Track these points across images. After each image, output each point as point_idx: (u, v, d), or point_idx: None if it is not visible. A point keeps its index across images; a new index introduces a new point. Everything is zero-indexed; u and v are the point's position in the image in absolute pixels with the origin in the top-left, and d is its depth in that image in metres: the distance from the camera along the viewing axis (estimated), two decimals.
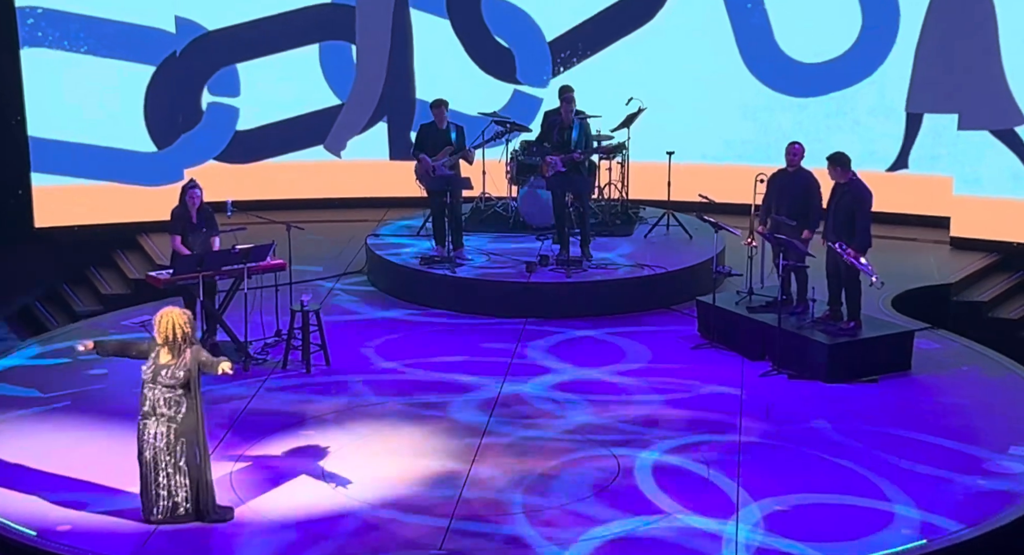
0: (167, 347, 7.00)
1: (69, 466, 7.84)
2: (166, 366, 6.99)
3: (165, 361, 7.01)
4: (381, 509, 7.36)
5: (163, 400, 7.01)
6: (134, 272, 11.89)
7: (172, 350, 6.99)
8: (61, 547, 6.96)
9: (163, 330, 6.99)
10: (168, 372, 6.98)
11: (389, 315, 10.58)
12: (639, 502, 7.42)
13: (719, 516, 7.24)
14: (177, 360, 6.99)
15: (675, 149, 11.91)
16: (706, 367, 9.41)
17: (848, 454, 8.00)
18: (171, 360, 7.00)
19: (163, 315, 7.04)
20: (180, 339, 6.97)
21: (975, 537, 7.06)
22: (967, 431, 8.33)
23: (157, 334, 7.01)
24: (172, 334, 6.97)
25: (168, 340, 6.99)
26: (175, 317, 7.01)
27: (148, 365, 7.02)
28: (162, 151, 12.79)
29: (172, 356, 7.00)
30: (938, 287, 11.17)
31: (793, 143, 9.70)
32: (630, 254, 11.08)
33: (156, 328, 7.02)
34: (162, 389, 7.00)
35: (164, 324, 6.99)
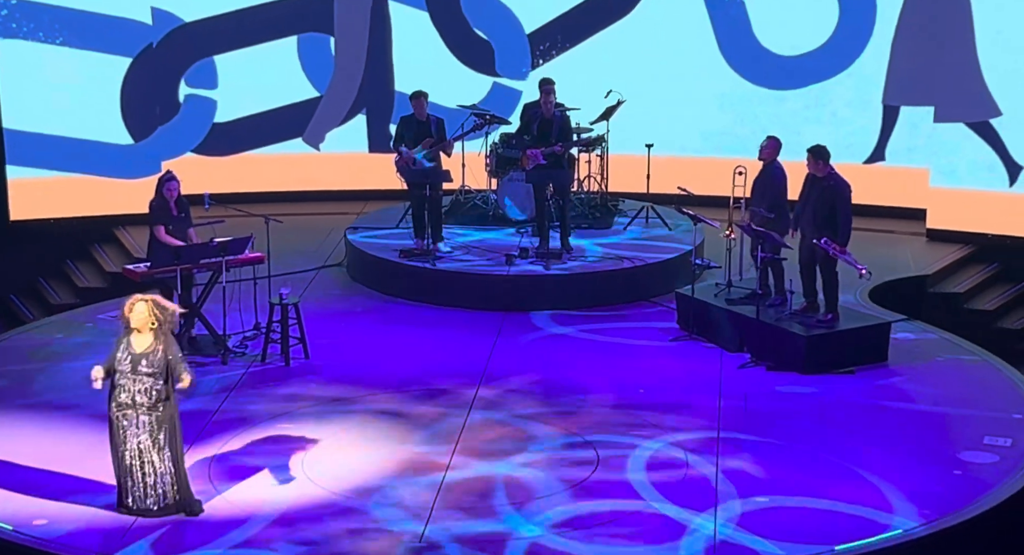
0: (149, 333, 6.96)
1: (44, 459, 7.80)
2: (144, 355, 6.96)
3: (143, 349, 6.97)
4: (360, 501, 7.37)
5: (143, 389, 6.98)
6: (111, 265, 11.83)
7: (155, 336, 6.94)
8: (38, 542, 6.93)
9: (145, 316, 6.93)
10: (148, 360, 6.95)
11: (368, 308, 10.57)
12: (617, 491, 7.44)
13: (692, 507, 7.28)
14: (156, 346, 6.96)
15: (654, 142, 11.93)
16: (685, 359, 9.44)
17: (823, 445, 8.05)
18: (149, 348, 6.96)
19: (138, 300, 6.98)
20: (168, 324, 6.94)
21: (951, 527, 7.12)
22: (942, 422, 8.40)
23: (134, 320, 6.95)
24: (157, 321, 6.93)
25: (150, 327, 6.94)
26: (158, 300, 6.98)
27: (123, 356, 6.97)
28: (139, 143, 12.73)
29: (152, 342, 6.95)
30: (914, 279, 11.25)
31: (768, 138, 9.74)
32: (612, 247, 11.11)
33: (132, 314, 6.95)
34: (143, 378, 6.97)
35: (144, 308, 6.93)
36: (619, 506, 7.31)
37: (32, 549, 6.88)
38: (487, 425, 8.34)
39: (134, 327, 6.96)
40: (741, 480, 7.59)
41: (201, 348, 9.41)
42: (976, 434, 8.19)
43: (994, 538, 7.28)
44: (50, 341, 9.90)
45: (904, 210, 12.42)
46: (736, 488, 7.50)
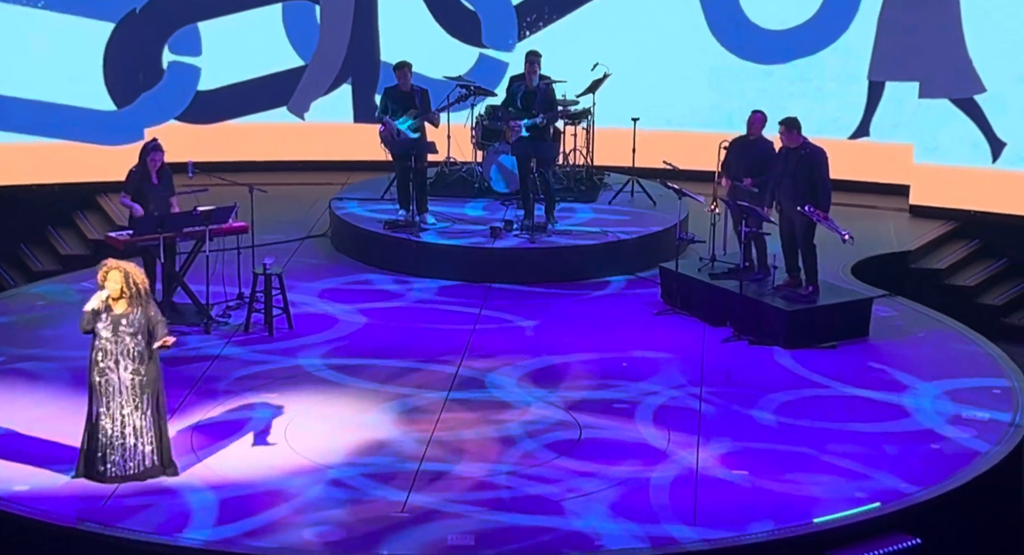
0: (125, 300, 6.95)
1: (24, 425, 7.80)
2: (125, 315, 6.96)
3: (122, 311, 6.97)
4: (342, 470, 7.39)
5: (126, 351, 6.99)
6: (94, 232, 11.78)
7: (130, 302, 6.94)
8: (20, 508, 6.93)
9: (119, 283, 6.92)
10: (128, 320, 6.95)
11: (352, 279, 10.56)
12: (599, 458, 7.50)
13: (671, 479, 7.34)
14: (134, 309, 6.95)
15: (640, 115, 11.92)
16: (668, 333, 9.48)
17: (803, 419, 8.11)
18: (128, 309, 6.96)
19: (112, 268, 6.96)
20: (140, 293, 6.93)
21: (928, 500, 7.20)
22: (922, 396, 8.47)
23: (109, 288, 6.93)
24: (133, 288, 6.92)
25: (126, 294, 6.93)
26: (131, 270, 6.95)
27: (104, 321, 6.97)
28: (122, 110, 12.64)
29: (129, 307, 6.95)
30: (896, 254, 11.30)
31: (755, 112, 9.75)
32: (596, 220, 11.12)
33: (107, 281, 6.92)
34: (126, 340, 6.96)
35: (118, 277, 6.91)
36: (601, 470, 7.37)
37: (14, 516, 6.88)
38: (470, 395, 8.35)
39: (109, 295, 6.94)
40: (720, 451, 7.64)
41: (184, 317, 9.39)
42: (955, 408, 8.26)
43: (972, 511, 7.36)
44: (32, 307, 9.87)
45: (888, 186, 12.46)
46: (715, 461, 7.55)
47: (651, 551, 6.65)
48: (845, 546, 6.83)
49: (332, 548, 6.64)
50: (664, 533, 6.80)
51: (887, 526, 7.01)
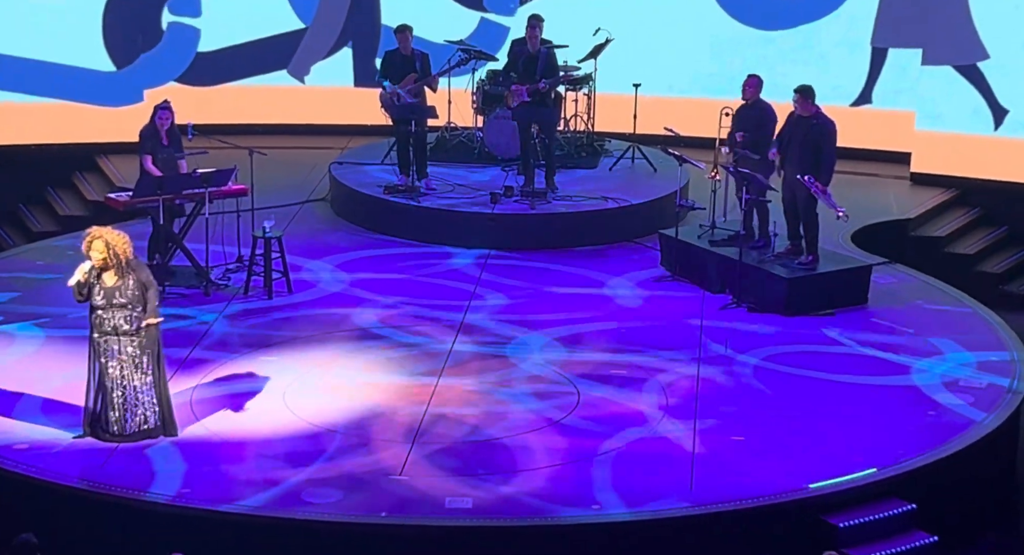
0: (112, 270, 6.95)
1: (23, 384, 7.83)
2: (116, 288, 6.97)
3: (112, 283, 6.97)
4: (340, 433, 7.43)
5: (123, 318, 7.01)
6: (93, 193, 11.76)
7: (116, 272, 6.94)
8: (20, 466, 6.97)
9: (102, 252, 6.90)
10: (120, 292, 6.97)
11: (351, 243, 10.55)
12: (594, 425, 7.54)
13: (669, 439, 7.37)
14: (124, 280, 6.96)
15: (641, 81, 11.86)
16: (667, 300, 9.49)
17: (800, 385, 8.14)
18: (118, 282, 6.96)
19: (95, 237, 6.93)
20: (124, 263, 6.93)
21: (924, 466, 7.23)
22: (919, 363, 8.48)
23: (94, 258, 6.92)
24: (115, 259, 6.91)
25: (109, 265, 6.93)
26: (114, 240, 6.93)
27: (96, 293, 6.98)
28: (121, 71, 12.57)
29: (118, 277, 6.96)
30: (897, 222, 11.29)
31: (749, 76, 9.69)
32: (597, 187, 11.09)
33: (90, 251, 6.91)
34: (120, 311, 6.98)
35: (101, 247, 6.89)
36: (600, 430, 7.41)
37: (15, 474, 6.92)
38: (467, 362, 8.38)
39: (93, 265, 6.94)
40: (718, 417, 7.67)
41: (183, 279, 9.40)
42: (951, 376, 8.29)
43: (968, 477, 7.40)
44: (31, 267, 9.87)
45: (889, 153, 12.42)
46: (713, 424, 7.58)
47: (648, 516, 6.69)
48: (841, 511, 6.87)
49: (330, 510, 6.68)
50: (661, 500, 6.84)
51: (883, 492, 7.05)
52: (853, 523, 6.82)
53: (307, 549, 6.51)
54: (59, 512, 6.74)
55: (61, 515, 6.70)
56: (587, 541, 6.62)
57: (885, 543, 6.83)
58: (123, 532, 6.63)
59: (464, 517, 6.66)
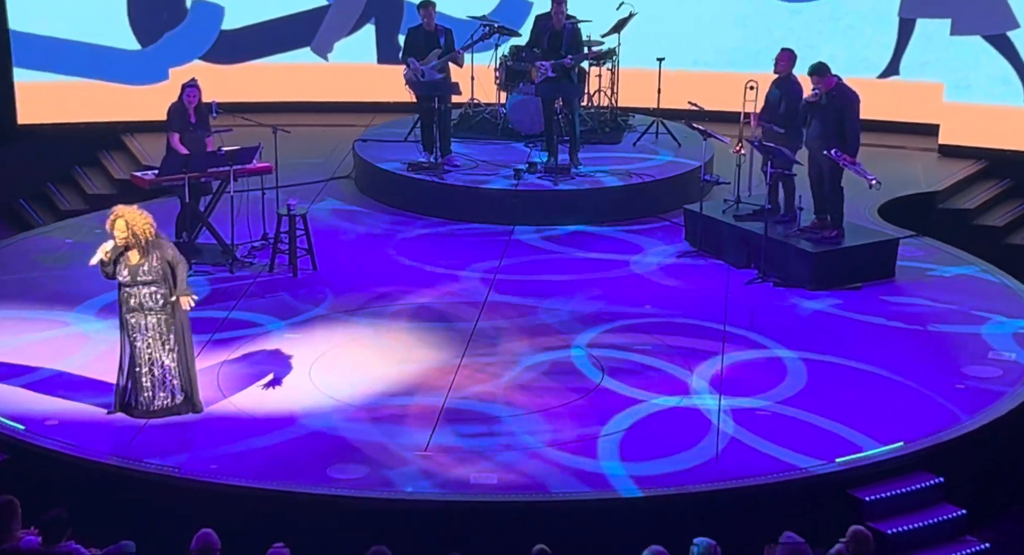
0: (136, 249, 7.00)
1: (53, 360, 7.90)
2: (140, 266, 7.03)
3: (136, 261, 7.03)
4: (365, 410, 7.46)
5: (148, 295, 7.07)
6: (120, 172, 11.82)
7: (139, 251, 7.00)
8: (50, 442, 7.04)
9: (122, 232, 6.95)
10: (144, 269, 7.02)
11: (375, 221, 10.57)
12: (620, 399, 7.53)
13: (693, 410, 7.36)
14: (147, 258, 7.00)
15: (665, 55, 11.77)
16: (692, 275, 9.45)
17: (827, 360, 8.09)
18: (141, 260, 7.02)
19: (118, 216, 6.98)
20: (144, 241, 6.97)
21: (953, 439, 7.19)
22: (948, 337, 8.43)
23: (116, 235, 6.97)
24: (135, 238, 6.95)
25: (131, 244, 6.97)
26: (134, 219, 6.97)
27: (122, 271, 7.03)
28: (146, 49, 12.61)
29: (141, 256, 7.01)
30: (924, 195, 11.19)
31: (782, 50, 9.60)
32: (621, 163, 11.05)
33: (113, 229, 6.97)
34: (145, 287, 7.03)
35: (123, 226, 6.94)
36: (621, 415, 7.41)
37: (46, 450, 6.99)
38: (492, 338, 8.38)
39: (118, 243, 6.98)
40: (743, 390, 7.66)
41: (209, 257, 9.45)
42: (981, 348, 8.22)
43: (997, 450, 7.36)
44: (59, 245, 9.95)
45: (917, 125, 12.29)
46: (739, 398, 7.56)
47: (674, 491, 6.69)
48: (868, 485, 6.85)
49: (356, 485, 6.72)
50: (687, 474, 6.84)
51: (911, 465, 7.02)
52: (880, 497, 6.80)
53: (332, 524, 6.55)
54: (89, 487, 6.81)
55: (91, 490, 6.77)
56: (612, 516, 6.63)
57: (912, 516, 6.81)
58: (151, 507, 6.69)
59: (489, 493, 6.67)
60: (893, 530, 6.69)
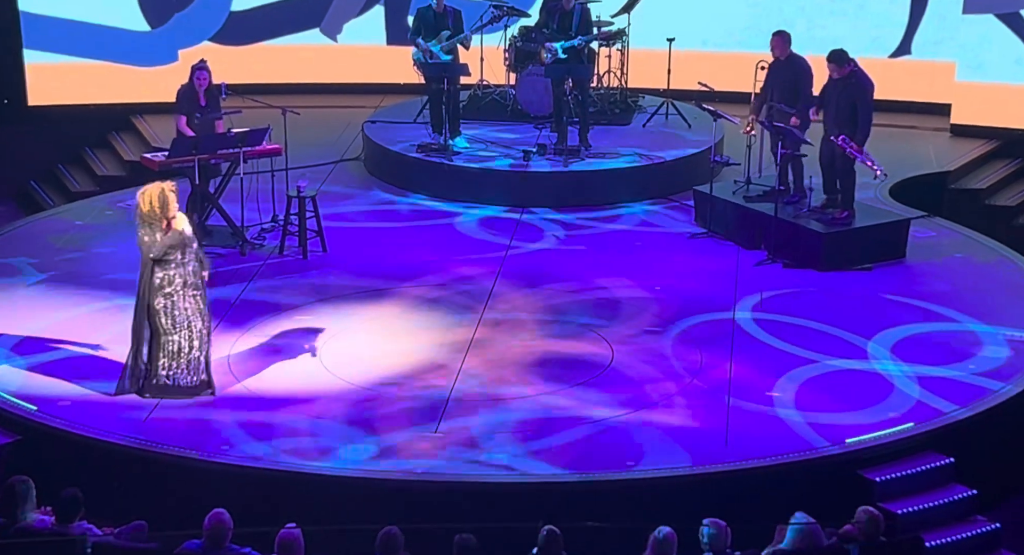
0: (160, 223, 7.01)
1: (68, 343, 7.92)
2: (171, 243, 7.06)
3: (164, 238, 7.05)
4: (376, 390, 7.48)
5: (191, 271, 7.15)
6: (130, 154, 11.84)
7: (166, 226, 7.02)
8: (62, 422, 7.08)
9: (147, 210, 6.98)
10: (172, 247, 7.06)
11: (385, 202, 10.56)
12: (628, 382, 7.54)
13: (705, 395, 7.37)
14: (172, 231, 7.03)
15: (675, 36, 11.72)
16: (702, 256, 9.44)
17: (837, 342, 8.09)
18: (169, 236, 7.04)
19: (140, 195, 7.02)
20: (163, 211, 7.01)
21: (963, 419, 7.19)
22: (959, 317, 8.41)
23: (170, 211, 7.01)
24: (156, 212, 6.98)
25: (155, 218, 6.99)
26: (152, 194, 7.00)
27: (158, 246, 7.02)
28: (155, 30, 12.61)
29: (165, 230, 7.04)
30: (936, 175, 11.14)
31: (773, 35, 9.50)
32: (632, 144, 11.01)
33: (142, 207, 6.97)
34: (175, 264, 7.08)
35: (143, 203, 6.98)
36: None
37: (58, 430, 7.04)
38: (502, 318, 8.39)
39: (147, 221, 7.01)
40: (754, 371, 7.66)
41: (219, 239, 9.46)
42: (992, 327, 8.20)
43: (1009, 431, 7.35)
44: (70, 226, 9.97)
45: (928, 105, 12.23)
46: (749, 378, 7.57)
47: (684, 472, 6.71)
48: (878, 466, 6.85)
49: (367, 466, 6.75)
50: (696, 455, 6.85)
51: (921, 446, 7.02)
52: (890, 477, 6.81)
53: (342, 505, 6.58)
54: (102, 468, 6.84)
55: (104, 471, 6.81)
56: (624, 497, 6.65)
57: (923, 497, 6.81)
58: (164, 488, 6.73)
59: (499, 474, 6.69)
60: (903, 510, 6.70)
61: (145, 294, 7.14)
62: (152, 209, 7.00)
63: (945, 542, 6.60)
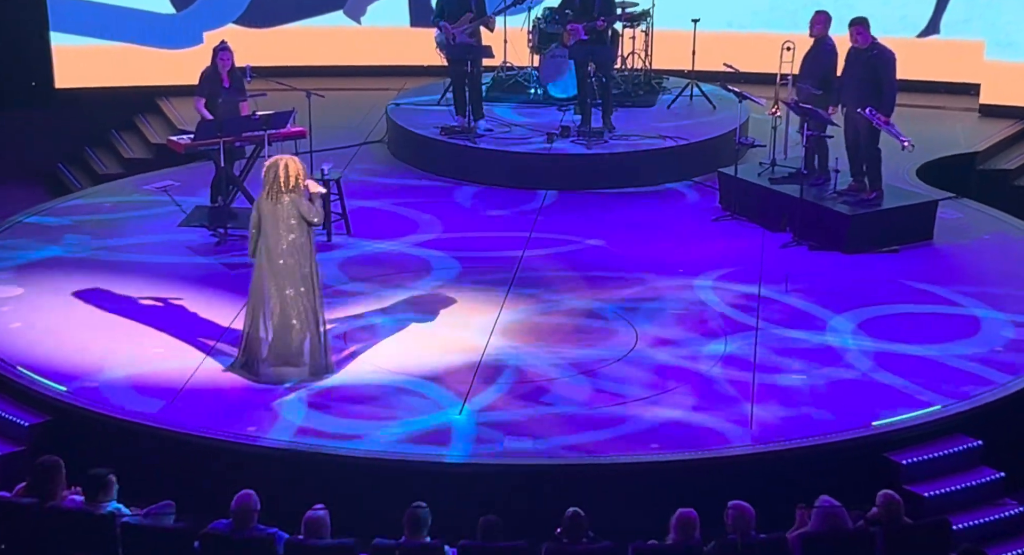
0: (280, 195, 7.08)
1: (93, 324, 7.98)
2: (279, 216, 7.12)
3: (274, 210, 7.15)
4: (402, 373, 7.49)
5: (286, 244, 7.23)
6: (156, 136, 11.89)
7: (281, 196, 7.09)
8: (91, 403, 7.14)
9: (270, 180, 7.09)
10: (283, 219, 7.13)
11: (409, 185, 10.57)
12: (655, 363, 7.53)
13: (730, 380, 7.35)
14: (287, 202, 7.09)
15: (700, 16, 11.64)
16: (726, 239, 9.40)
17: (863, 324, 8.04)
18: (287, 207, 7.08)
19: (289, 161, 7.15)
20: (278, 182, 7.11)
21: (990, 402, 7.15)
22: (986, 299, 8.34)
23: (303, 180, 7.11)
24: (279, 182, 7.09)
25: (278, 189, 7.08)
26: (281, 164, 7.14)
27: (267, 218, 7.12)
28: (180, 13, 12.64)
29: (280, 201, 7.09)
30: (964, 156, 11.04)
31: (817, 12, 9.45)
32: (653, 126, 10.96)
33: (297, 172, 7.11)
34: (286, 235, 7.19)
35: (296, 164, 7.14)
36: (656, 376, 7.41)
37: (88, 411, 7.09)
38: (527, 304, 8.38)
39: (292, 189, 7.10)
40: (779, 354, 7.63)
41: (244, 222, 9.46)
42: (1019, 311, 8.13)
43: None
44: (99, 208, 10.03)
45: (957, 85, 12.11)
46: (774, 364, 7.54)
47: (710, 455, 6.70)
48: (905, 448, 6.82)
49: (395, 449, 6.76)
50: (721, 437, 6.83)
51: (949, 428, 6.98)
52: (917, 460, 6.77)
53: (372, 487, 6.61)
54: (131, 448, 6.89)
55: (133, 451, 6.86)
56: (648, 481, 6.65)
57: (950, 479, 6.78)
58: (193, 468, 6.78)
59: (523, 456, 6.70)
60: (930, 493, 6.67)
61: (305, 263, 7.15)
62: (292, 177, 7.07)
63: (973, 524, 6.57)
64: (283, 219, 7.11)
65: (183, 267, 8.85)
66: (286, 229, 7.11)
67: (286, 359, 7.24)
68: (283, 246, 7.13)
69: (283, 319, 7.18)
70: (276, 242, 7.13)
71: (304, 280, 7.18)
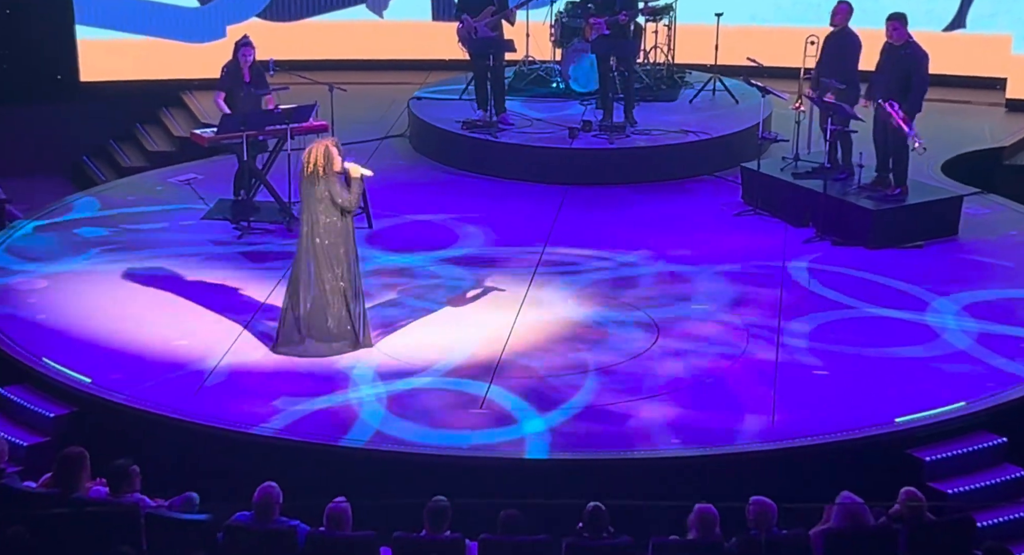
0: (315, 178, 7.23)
1: (117, 316, 8.03)
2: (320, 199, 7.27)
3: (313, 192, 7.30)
4: (419, 366, 7.50)
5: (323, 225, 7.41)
6: (179, 130, 11.94)
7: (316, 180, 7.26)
8: (115, 394, 7.18)
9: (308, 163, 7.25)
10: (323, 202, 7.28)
11: (430, 179, 10.57)
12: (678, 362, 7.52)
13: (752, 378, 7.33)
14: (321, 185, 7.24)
15: (723, 10, 11.58)
16: (749, 233, 9.37)
17: (888, 320, 8.00)
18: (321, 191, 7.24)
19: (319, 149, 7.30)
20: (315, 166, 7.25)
21: (1014, 399, 7.09)
22: (1012, 296, 8.28)
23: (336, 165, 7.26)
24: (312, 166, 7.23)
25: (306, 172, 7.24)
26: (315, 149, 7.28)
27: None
28: (204, 7, 12.68)
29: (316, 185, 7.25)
30: (990, 151, 10.95)
31: (840, 2, 9.40)
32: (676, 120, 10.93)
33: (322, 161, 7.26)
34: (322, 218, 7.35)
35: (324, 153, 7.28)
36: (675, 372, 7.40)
37: (112, 403, 7.13)
38: (548, 300, 8.38)
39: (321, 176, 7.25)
40: (801, 351, 7.60)
41: (267, 215, 9.52)
42: None
43: None
44: (123, 202, 10.08)
45: (983, 80, 12.02)
46: (796, 359, 7.51)
47: (731, 451, 6.68)
48: (929, 445, 6.78)
49: (412, 442, 6.78)
50: (743, 433, 6.82)
51: (972, 425, 6.94)
52: (940, 457, 6.74)
53: (388, 480, 6.63)
54: (155, 440, 6.94)
55: (156, 443, 6.91)
56: (664, 476, 6.64)
57: (974, 477, 6.74)
58: (216, 460, 6.81)
59: (542, 450, 6.70)
60: (954, 490, 6.63)
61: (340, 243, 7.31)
62: (331, 160, 7.21)
63: (996, 522, 6.52)
64: (322, 200, 7.28)
65: (206, 260, 8.89)
66: (323, 211, 7.28)
67: (324, 335, 7.40)
68: (320, 227, 7.30)
69: (320, 297, 7.36)
70: (314, 223, 7.30)
71: (340, 261, 7.35)
